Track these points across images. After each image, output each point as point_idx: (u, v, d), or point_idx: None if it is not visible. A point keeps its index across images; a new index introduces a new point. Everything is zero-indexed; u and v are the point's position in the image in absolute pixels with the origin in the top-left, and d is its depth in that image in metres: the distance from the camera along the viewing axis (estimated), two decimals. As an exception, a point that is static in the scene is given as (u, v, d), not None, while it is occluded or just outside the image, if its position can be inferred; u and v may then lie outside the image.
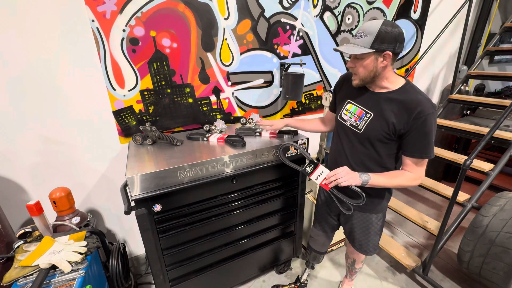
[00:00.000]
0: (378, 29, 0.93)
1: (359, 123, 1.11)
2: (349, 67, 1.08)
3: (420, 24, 2.54)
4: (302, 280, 1.73)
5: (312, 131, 1.49)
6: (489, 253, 1.46)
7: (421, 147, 1.01)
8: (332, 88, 1.39)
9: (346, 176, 1.04)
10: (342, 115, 1.19)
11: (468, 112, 3.01)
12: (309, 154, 1.20)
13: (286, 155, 1.48)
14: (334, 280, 1.87)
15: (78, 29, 1.33)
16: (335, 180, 1.05)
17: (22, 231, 1.23)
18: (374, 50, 0.95)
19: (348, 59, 1.19)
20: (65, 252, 1.09)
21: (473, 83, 3.31)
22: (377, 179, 1.06)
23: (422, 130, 0.98)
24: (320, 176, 1.10)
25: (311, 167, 1.12)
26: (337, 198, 1.13)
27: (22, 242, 1.19)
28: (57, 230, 1.36)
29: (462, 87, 2.67)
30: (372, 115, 1.07)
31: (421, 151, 1.01)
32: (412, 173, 1.07)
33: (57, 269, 1.05)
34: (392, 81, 1.05)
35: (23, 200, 1.43)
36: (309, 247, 1.61)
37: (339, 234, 1.75)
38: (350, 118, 1.15)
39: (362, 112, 1.11)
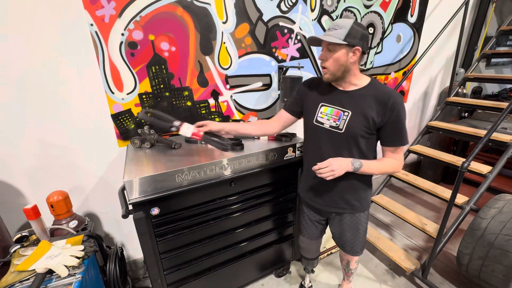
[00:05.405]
0: (351, 25, 1.00)
1: (338, 123, 1.13)
2: (320, 59, 1.10)
3: (417, 27, 2.56)
4: (306, 286, 1.73)
5: (258, 135, 1.43)
6: (488, 255, 1.46)
7: (399, 136, 1.10)
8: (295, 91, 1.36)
9: (337, 171, 1.06)
10: (319, 119, 1.18)
11: (466, 114, 3.03)
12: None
13: (285, 158, 1.48)
14: (333, 284, 1.86)
15: (76, 33, 1.33)
16: (329, 172, 1.05)
17: (19, 235, 1.23)
18: (346, 43, 1.00)
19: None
20: (62, 256, 1.08)
21: (470, 86, 3.33)
22: (368, 166, 1.11)
23: (397, 120, 1.06)
24: (188, 129, 1.25)
25: (178, 124, 1.25)
26: (213, 142, 1.25)
27: (19, 246, 1.18)
28: (54, 234, 1.35)
29: (459, 90, 2.69)
30: (350, 113, 1.10)
31: (400, 139, 1.11)
32: (395, 160, 1.15)
33: (54, 274, 1.03)
34: (360, 78, 1.12)
35: (21, 204, 1.42)
36: (302, 256, 1.60)
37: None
38: (328, 120, 1.15)
39: (340, 112, 1.13)
